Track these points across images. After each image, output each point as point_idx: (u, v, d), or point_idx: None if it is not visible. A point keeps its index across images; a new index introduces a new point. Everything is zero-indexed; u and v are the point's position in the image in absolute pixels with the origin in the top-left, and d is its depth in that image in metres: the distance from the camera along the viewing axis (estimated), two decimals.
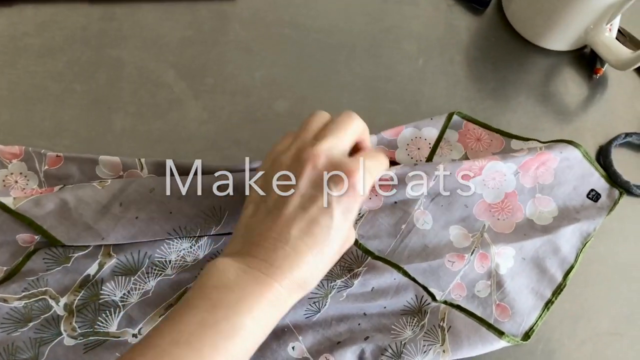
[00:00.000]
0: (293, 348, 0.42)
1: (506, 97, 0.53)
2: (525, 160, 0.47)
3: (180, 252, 0.44)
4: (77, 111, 0.49)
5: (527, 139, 0.49)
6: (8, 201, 0.41)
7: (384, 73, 0.53)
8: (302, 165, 0.35)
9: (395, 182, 0.45)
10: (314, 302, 0.43)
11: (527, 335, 0.44)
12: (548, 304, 0.45)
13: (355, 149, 0.40)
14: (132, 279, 0.42)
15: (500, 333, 0.43)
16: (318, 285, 0.43)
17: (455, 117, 0.50)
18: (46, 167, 0.45)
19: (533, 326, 0.45)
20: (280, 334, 0.42)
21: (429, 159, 0.49)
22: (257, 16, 0.54)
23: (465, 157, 0.49)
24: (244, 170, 0.45)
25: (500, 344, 0.43)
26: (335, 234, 0.35)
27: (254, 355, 0.41)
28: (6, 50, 0.51)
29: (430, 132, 0.50)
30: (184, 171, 0.45)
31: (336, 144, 0.37)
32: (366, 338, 0.43)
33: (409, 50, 0.54)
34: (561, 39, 0.54)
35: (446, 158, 0.49)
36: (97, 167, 0.46)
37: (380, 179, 0.45)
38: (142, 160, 0.46)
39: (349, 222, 0.36)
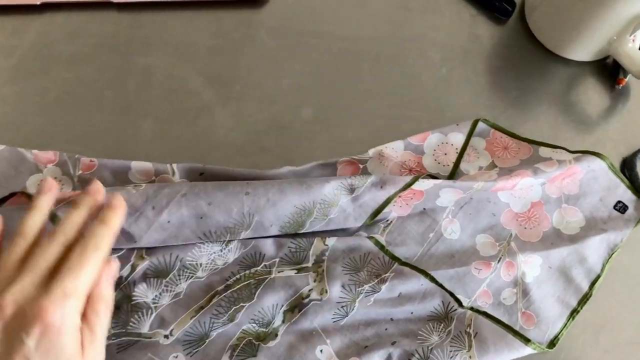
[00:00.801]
0: (321, 351, 0.43)
1: (528, 106, 0.54)
2: (555, 175, 0.47)
3: (211, 255, 0.44)
4: (108, 117, 0.50)
5: (555, 147, 0.50)
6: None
7: (408, 81, 0.54)
8: None
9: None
10: (342, 307, 0.44)
11: (552, 344, 0.45)
12: (573, 313, 0.46)
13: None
14: (164, 281, 0.43)
15: (526, 340, 0.44)
16: (345, 289, 0.44)
17: (481, 124, 0.51)
18: (80, 171, 0.46)
19: (558, 334, 0.45)
20: (309, 337, 0.43)
21: (456, 164, 0.50)
22: (283, 25, 0.55)
23: (493, 165, 0.50)
24: (270, 178, 0.46)
25: (526, 350, 0.44)
26: None
27: (282, 358, 0.42)
28: (38, 58, 0.52)
29: (457, 137, 0.50)
30: (214, 177, 0.46)
31: (33, 279, 0.33)
32: (393, 343, 0.43)
33: (433, 59, 0.55)
34: (584, 50, 0.54)
35: (473, 165, 0.50)
36: (129, 173, 0.46)
37: (413, 191, 0.46)
38: (174, 165, 0.47)
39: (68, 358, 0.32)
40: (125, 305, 0.43)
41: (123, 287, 0.43)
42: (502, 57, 0.56)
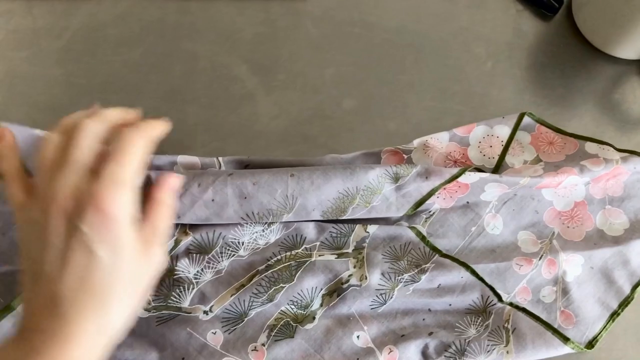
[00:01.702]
0: (358, 337, 0.43)
1: (573, 104, 0.53)
2: (600, 175, 0.47)
3: (253, 234, 0.45)
4: (152, 102, 0.51)
5: (602, 142, 0.49)
6: None
7: (451, 74, 0.54)
8: (46, 218, 0.31)
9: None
10: (381, 294, 0.44)
11: (590, 344, 0.44)
12: (614, 315, 0.45)
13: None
14: (207, 257, 0.44)
15: (565, 339, 0.44)
16: (385, 277, 0.44)
17: (526, 119, 0.50)
18: None
19: (597, 336, 0.45)
20: (346, 322, 0.43)
21: (502, 157, 0.49)
22: (328, 14, 0.55)
23: (538, 160, 0.49)
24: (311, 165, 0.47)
25: (565, 349, 0.44)
26: (115, 273, 0.31)
27: (319, 341, 0.42)
28: (86, 40, 0.52)
29: (502, 129, 0.50)
30: (259, 168, 0.46)
31: (73, 170, 0.32)
32: (430, 333, 0.43)
33: (478, 53, 0.55)
34: (632, 48, 0.53)
35: (518, 158, 0.49)
36: (175, 167, 0.47)
37: (458, 184, 0.46)
38: (220, 159, 0.47)
39: (125, 250, 0.32)
40: (167, 279, 0.43)
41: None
42: (547, 54, 0.55)
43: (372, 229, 0.46)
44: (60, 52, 0.52)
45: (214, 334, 0.42)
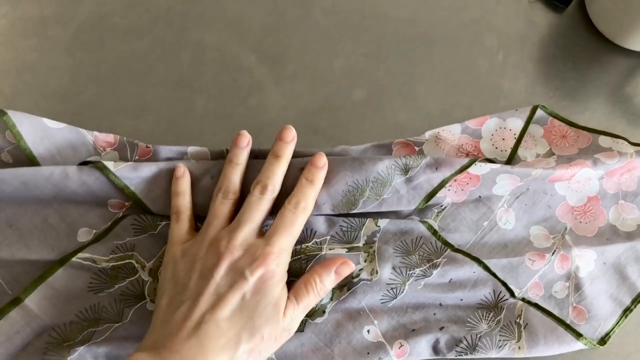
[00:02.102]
0: (368, 331, 0.43)
1: (585, 96, 0.53)
2: (614, 168, 0.46)
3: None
4: (160, 91, 0.50)
5: (616, 136, 0.48)
6: (109, 164, 0.42)
7: (462, 66, 0.53)
8: (218, 257, 0.37)
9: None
10: (392, 288, 0.43)
11: (603, 340, 0.44)
12: (626, 311, 0.45)
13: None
14: None
15: (578, 335, 0.43)
16: (396, 272, 0.43)
17: (539, 112, 0.50)
18: (137, 157, 0.46)
19: (610, 332, 0.44)
20: (356, 316, 0.43)
21: (514, 150, 0.49)
22: (338, 5, 0.54)
23: (550, 153, 0.49)
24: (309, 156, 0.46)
25: (577, 345, 0.43)
26: (256, 320, 0.36)
27: (329, 335, 0.42)
28: (94, 29, 0.52)
29: (515, 122, 0.49)
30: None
31: (249, 230, 0.39)
32: (441, 328, 0.43)
33: (489, 45, 0.54)
34: None
35: (531, 152, 0.49)
36: (185, 158, 0.46)
37: (469, 175, 0.45)
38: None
39: (270, 302, 0.37)
40: None
41: None
42: (559, 46, 0.55)
43: (383, 222, 0.45)
44: (68, 40, 0.51)
45: None
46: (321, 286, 0.40)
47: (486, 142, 0.49)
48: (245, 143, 0.43)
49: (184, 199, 0.42)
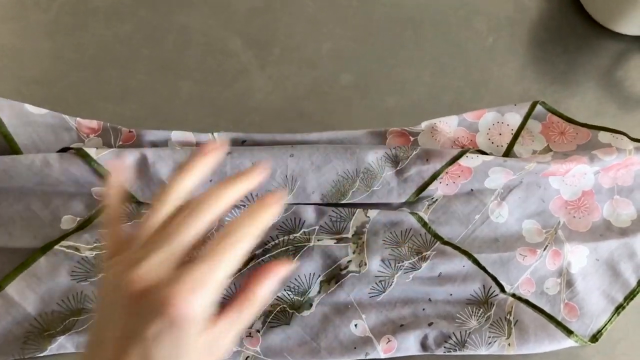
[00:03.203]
0: (356, 326, 0.42)
1: (576, 81, 0.52)
2: (612, 164, 0.46)
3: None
4: (144, 76, 0.49)
5: (616, 131, 0.48)
6: (91, 151, 0.41)
7: (451, 50, 0.52)
8: (119, 296, 0.29)
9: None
10: (380, 281, 0.43)
11: (594, 338, 0.43)
12: (619, 308, 0.44)
13: None
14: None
15: (569, 332, 0.43)
16: (385, 264, 0.43)
17: (538, 107, 0.49)
18: (120, 142, 0.45)
19: (602, 329, 0.44)
20: (344, 310, 0.42)
21: (510, 146, 0.48)
22: None
23: (548, 149, 0.48)
24: (313, 143, 0.46)
25: (568, 342, 0.43)
26: None
27: (316, 328, 0.41)
28: (75, 12, 0.51)
29: (514, 118, 0.49)
30: (256, 145, 0.45)
31: (164, 257, 0.29)
32: (430, 324, 0.42)
33: (478, 29, 0.53)
34: (635, 24, 0.52)
35: (527, 148, 0.48)
36: (169, 142, 0.45)
37: (460, 167, 0.44)
38: (215, 134, 0.46)
39: (188, 354, 0.29)
40: None
41: None
42: (549, 30, 0.54)
43: (372, 213, 0.45)
44: (49, 25, 0.50)
45: None
46: (258, 302, 0.32)
47: (482, 136, 0.48)
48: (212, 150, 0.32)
49: (114, 209, 0.33)
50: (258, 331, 0.41)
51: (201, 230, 0.31)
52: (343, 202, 0.45)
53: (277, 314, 0.42)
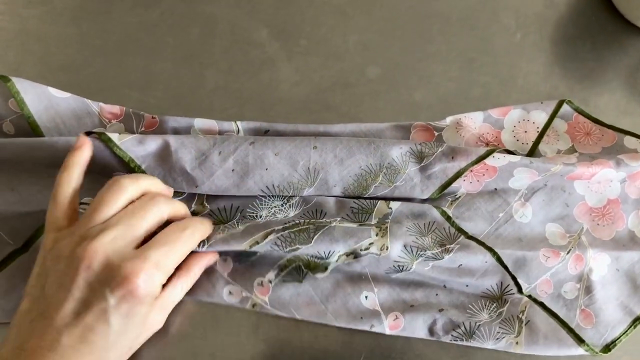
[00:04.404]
0: (366, 297, 0.42)
1: (605, 78, 0.51)
2: (638, 171, 0.45)
3: (271, 208, 0.43)
4: (169, 65, 0.49)
5: None
6: (114, 136, 0.41)
7: (479, 45, 0.52)
8: (76, 264, 0.32)
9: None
10: (398, 265, 0.42)
11: (607, 348, 0.42)
12: (636, 321, 0.43)
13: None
14: (222, 226, 0.42)
15: (580, 340, 0.42)
16: (407, 250, 0.42)
17: (565, 107, 0.48)
18: (142, 128, 0.45)
19: (616, 340, 0.42)
20: (357, 279, 0.42)
21: (535, 144, 0.47)
22: None
23: (573, 150, 0.47)
24: (337, 134, 0.45)
25: (578, 351, 0.42)
26: (118, 341, 0.33)
27: (326, 292, 0.42)
28: None
29: (540, 116, 0.48)
30: (279, 135, 0.45)
31: (125, 233, 0.33)
32: (441, 310, 0.42)
33: (506, 24, 0.53)
34: None
35: (552, 147, 0.47)
36: (192, 130, 0.45)
37: (486, 166, 0.44)
38: (238, 123, 0.45)
39: (135, 324, 0.33)
40: None
41: None
42: (578, 26, 0.53)
43: (395, 205, 0.44)
44: (74, 10, 0.50)
45: (224, 261, 0.42)
46: (193, 279, 0.39)
47: (508, 133, 0.47)
48: None
49: (71, 175, 0.36)
50: (270, 282, 0.41)
51: (161, 219, 0.36)
52: (365, 196, 0.44)
53: (292, 270, 0.42)
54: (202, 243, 0.39)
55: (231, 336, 0.40)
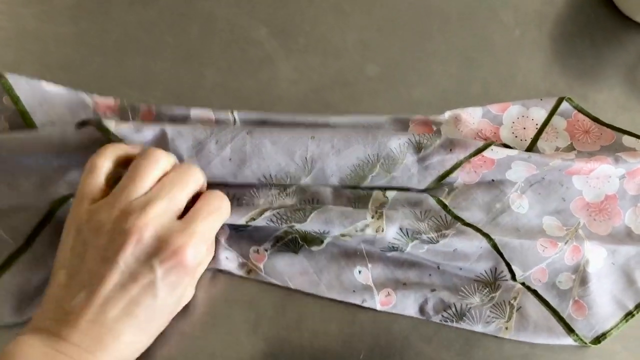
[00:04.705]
0: (359, 272, 0.42)
1: (603, 75, 0.51)
2: (637, 168, 0.45)
3: (268, 197, 0.43)
4: (168, 63, 0.49)
5: None
6: (110, 124, 0.40)
7: (478, 43, 0.52)
8: (125, 237, 0.32)
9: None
10: (393, 246, 0.42)
11: (597, 340, 0.42)
12: (628, 315, 0.43)
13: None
14: None
15: (570, 330, 0.42)
16: (402, 232, 0.42)
17: (564, 104, 0.48)
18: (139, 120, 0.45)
19: (606, 333, 0.43)
20: (352, 254, 0.43)
21: (534, 141, 0.47)
22: None
23: (571, 148, 0.47)
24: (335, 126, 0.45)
25: (567, 340, 0.42)
26: (161, 311, 0.34)
27: (320, 264, 0.42)
28: None
29: (539, 112, 0.48)
30: (277, 126, 0.45)
31: (168, 206, 0.33)
32: (433, 290, 0.42)
33: (505, 21, 0.53)
34: None
35: (551, 144, 0.47)
36: (188, 120, 0.45)
37: (484, 158, 0.44)
38: (235, 113, 0.45)
39: (177, 295, 0.35)
40: None
41: None
42: (577, 23, 0.53)
43: (391, 194, 0.44)
44: (72, 9, 0.50)
45: (221, 227, 0.41)
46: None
47: (506, 130, 0.48)
48: None
49: (116, 147, 0.37)
50: (266, 250, 0.42)
51: (194, 189, 0.36)
52: (362, 186, 0.44)
53: (288, 242, 0.43)
54: None
55: (231, 336, 0.40)
